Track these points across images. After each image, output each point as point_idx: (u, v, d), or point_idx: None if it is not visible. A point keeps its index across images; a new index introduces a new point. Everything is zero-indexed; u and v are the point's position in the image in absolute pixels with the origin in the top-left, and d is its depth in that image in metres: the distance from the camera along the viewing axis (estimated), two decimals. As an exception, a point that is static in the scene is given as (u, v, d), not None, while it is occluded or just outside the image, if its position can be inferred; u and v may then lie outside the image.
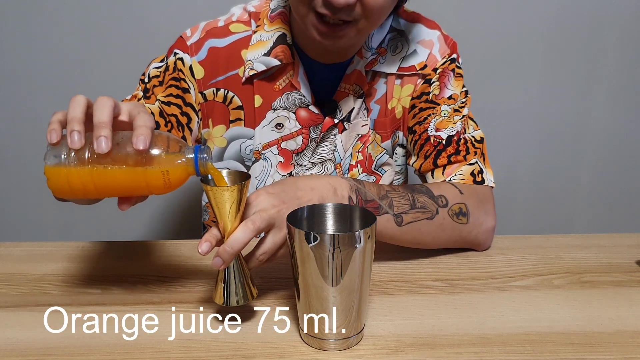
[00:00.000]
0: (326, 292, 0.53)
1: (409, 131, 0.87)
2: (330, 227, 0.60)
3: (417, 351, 0.56)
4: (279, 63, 0.82)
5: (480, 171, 0.81)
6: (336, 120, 0.85)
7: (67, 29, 1.35)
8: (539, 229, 1.58)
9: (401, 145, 0.91)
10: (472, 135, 0.84)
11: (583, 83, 1.47)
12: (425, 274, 0.72)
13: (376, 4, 0.70)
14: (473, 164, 0.81)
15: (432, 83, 0.85)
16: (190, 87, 0.84)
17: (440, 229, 0.73)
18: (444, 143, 0.82)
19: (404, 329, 0.59)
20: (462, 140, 0.82)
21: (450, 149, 0.82)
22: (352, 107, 0.85)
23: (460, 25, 1.34)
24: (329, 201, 0.66)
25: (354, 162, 0.88)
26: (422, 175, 0.86)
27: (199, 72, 0.84)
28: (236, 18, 0.86)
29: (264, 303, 0.64)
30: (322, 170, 0.88)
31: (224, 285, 0.58)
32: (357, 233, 0.52)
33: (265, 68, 0.82)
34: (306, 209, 0.58)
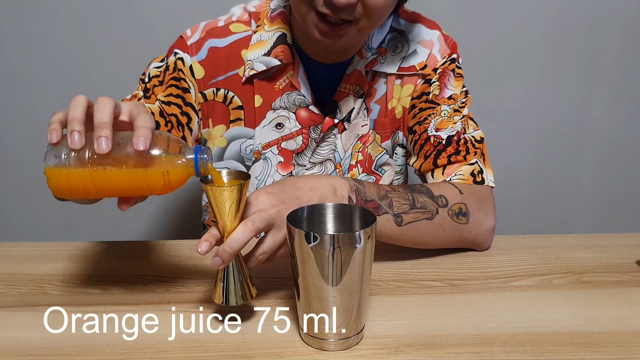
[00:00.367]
0: (326, 292, 0.53)
1: (409, 131, 0.87)
2: (330, 227, 0.60)
3: (417, 351, 0.56)
4: (279, 63, 0.82)
5: (480, 171, 0.81)
6: (336, 120, 0.85)
7: (68, 29, 1.35)
8: (539, 229, 1.57)
9: (401, 145, 0.91)
10: (472, 135, 0.84)
11: (583, 83, 1.47)
12: (425, 274, 0.72)
13: (377, 3, 0.70)
14: (473, 164, 0.81)
15: (432, 83, 0.85)
16: (190, 87, 0.84)
17: (440, 229, 0.73)
18: (444, 143, 0.82)
19: (404, 329, 0.59)
20: (462, 140, 0.82)
21: (450, 149, 0.82)
22: (352, 107, 0.85)
23: (460, 25, 1.33)
24: (329, 201, 0.66)
25: (354, 162, 0.88)
26: (422, 175, 0.86)
27: (199, 72, 0.84)
28: (236, 18, 0.86)
29: (264, 303, 0.64)
30: (322, 170, 0.88)
31: (223, 285, 0.58)
32: (357, 233, 0.52)
33: (265, 68, 0.82)
34: (306, 209, 0.58)
